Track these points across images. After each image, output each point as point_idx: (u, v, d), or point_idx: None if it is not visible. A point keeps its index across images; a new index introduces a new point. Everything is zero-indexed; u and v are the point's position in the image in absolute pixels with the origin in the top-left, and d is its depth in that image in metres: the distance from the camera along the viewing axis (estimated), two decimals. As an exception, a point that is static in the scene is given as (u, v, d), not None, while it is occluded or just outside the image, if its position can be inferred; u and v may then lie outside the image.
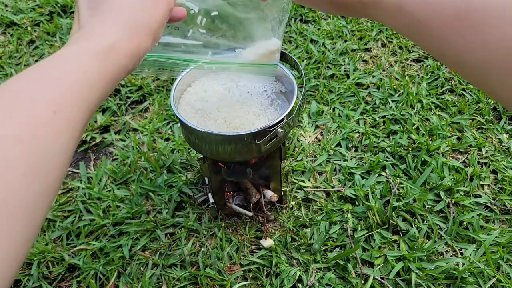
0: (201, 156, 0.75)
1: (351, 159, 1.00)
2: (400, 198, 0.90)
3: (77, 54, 0.35)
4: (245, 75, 0.70)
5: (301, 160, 0.99)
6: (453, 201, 0.89)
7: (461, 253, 0.82)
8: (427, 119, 1.08)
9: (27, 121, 0.28)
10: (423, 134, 1.04)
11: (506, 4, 0.27)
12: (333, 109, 1.12)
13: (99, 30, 0.38)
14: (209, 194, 0.87)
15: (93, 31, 0.38)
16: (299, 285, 0.79)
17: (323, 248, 0.84)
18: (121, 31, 0.38)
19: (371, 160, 0.98)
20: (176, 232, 0.88)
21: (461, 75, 0.33)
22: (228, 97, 0.71)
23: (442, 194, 0.90)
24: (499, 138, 1.03)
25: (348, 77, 1.21)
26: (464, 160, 0.99)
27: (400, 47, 1.30)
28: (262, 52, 0.60)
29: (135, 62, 0.40)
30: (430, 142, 1.01)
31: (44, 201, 0.29)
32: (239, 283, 0.80)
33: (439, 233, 0.84)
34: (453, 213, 0.87)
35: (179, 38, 0.57)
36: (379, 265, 0.80)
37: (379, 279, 0.78)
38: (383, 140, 1.03)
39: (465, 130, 1.05)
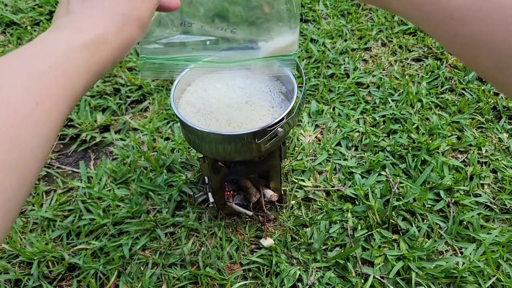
0: (201, 155, 0.75)
1: (351, 158, 1.00)
2: (400, 197, 0.90)
3: (64, 44, 0.34)
4: (245, 71, 0.70)
5: (301, 159, 0.99)
6: (453, 201, 0.89)
7: (461, 252, 0.82)
8: (427, 119, 1.08)
9: (7, 112, 0.28)
10: (423, 134, 1.04)
11: None
12: (333, 109, 1.12)
13: (88, 20, 0.37)
14: (209, 194, 0.87)
15: (83, 21, 0.37)
16: (299, 284, 0.79)
17: (323, 248, 0.84)
18: (110, 23, 0.38)
19: (371, 159, 0.98)
20: (176, 232, 0.88)
21: (476, 65, 0.31)
22: (229, 96, 0.71)
23: (442, 193, 0.90)
24: (499, 138, 1.03)
25: (348, 76, 1.21)
26: (464, 160, 0.99)
27: (400, 47, 1.30)
28: (281, 44, 0.59)
29: (122, 54, 0.39)
30: (430, 141, 1.01)
31: (21, 195, 0.28)
32: (239, 282, 0.80)
33: (439, 232, 0.84)
34: (453, 212, 0.87)
35: (195, 35, 0.56)
36: (379, 264, 0.81)
37: (379, 278, 0.78)
38: (383, 140, 1.03)
39: (465, 130, 1.05)
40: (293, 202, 0.91)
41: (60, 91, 0.32)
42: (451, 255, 0.82)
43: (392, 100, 1.13)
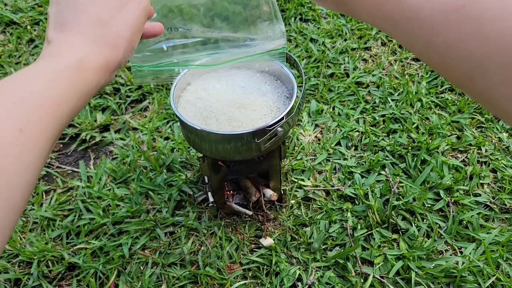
0: (201, 155, 0.75)
1: (350, 158, 1.00)
2: (400, 197, 0.90)
3: (45, 70, 0.34)
4: (245, 70, 0.69)
5: (301, 159, 0.99)
6: (452, 200, 0.89)
7: (461, 252, 0.82)
8: (427, 118, 1.08)
9: None
10: (423, 133, 1.04)
11: None
12: (333, 108, 1.12)
13: (67, 45, 0.37)
14: (209, 193, 0.87)
15: (61, 47, 0.37)
16: (299, 284, 0.79)
17: (323, 247, 0.84)
18: (89, 46, 0.37)
19: (370, 159, 0.98)
20: (176, 231, 0.88)
21: (447, 72, 0.31)
22: (229, 95, 0.71)
23: (441, 193, 0.91)
24: (499, 137, 1.03)
25: (348, 76, 1.21)
26: (463, 159, 0.99)
27: (400, 46, 1.30)
28: (268, 40, 0.59)
29: (107, 76, 0.39)
30: (430, 141, 1.01)
31: (7, 223, 0.27)
32: (238, 282, 0.80)
33: (438, 232, 0.84)
34: (452, 212, 0.87)
35: (179, 39, 0.56)
36: (378, 264, 0.81)
37: (379, 277, 0.78)
38: (382, 139, 1.03)
39: (465, 129, 1.05)
40: (292, 201, 0.91)
41: (44, 117, 0.31)
42: (450, 255, 0.82)
43: (392, 100, 1.13)
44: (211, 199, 0.86)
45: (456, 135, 1.04)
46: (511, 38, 0.25)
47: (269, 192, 0.83)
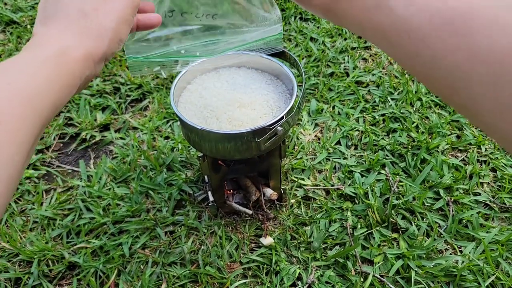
0: (201, 154, 0.75)
1: (350, 157, 1.00)
2: (400, 196, 0.91)
3: (25, 61, 0.33)
4: (246, 70, 0.69)
5: (301, 158, 0.99)
6: (452, 199, 0.89)
7: (461, 251, 0.83)
8: (427, 117, 1.08)
9: None
10: (423, 132, 1.04)
11: (497, 13, 0.26)
12: (333, 107, 1.12)
13: (49, 37, 0.36)
14: (209, 192, 0.87)
15: (43, 39, 0.36)
16: (299, 283, 0.79)
17: (323, 246, 0.84)
18: (72, 37, 0.37)
19: (370, 158, 0.98)
20: (176, 230, 0.88)
21: (432, 84, 0.31)
22: (229, 94, 0.71)
23: (441, 192, 0.91)
24: (499, 136, 1.03)
25: (347, 75, 1.21)
26: (463, 158, 0.99)
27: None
28: (265, 26, 0.59)
29: (91, 67, 0.38)
30: (430, 140, 1.01)
31: None
32: (238, 281, 0.80)
33: (438, 231, 0.85)
34: (452, 211, 0.88)
35: (175, 27, 0.56)
36: (378, 263, 0.81)
37: (379, 277, 0.79)
38: (382, 138, 1.03)
39: (465, 128, 1.05)
40: (292, 200, 0.91)
41: (24, 109, 0.30)
42: (450, 254, 0.82)
43: (392, 99, 1.13)
44: (211, 198, 0.86)
45: (456, 134, 1.04)
46: (499, 53, 0.25)
47: (269, 191, 0.83)
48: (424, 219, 0.87)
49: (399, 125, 1.06)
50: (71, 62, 0.35)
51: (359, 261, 0.81)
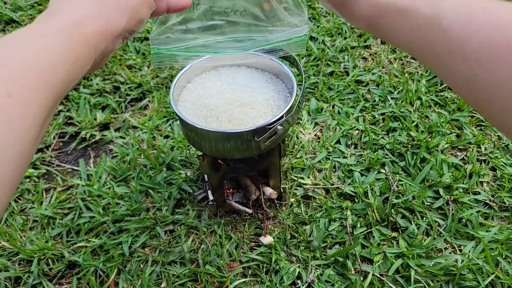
0: (201, 153, 0.75)
1: (350, 156, 1.00)
2: (400, 195, 0.91)
3: (37, 31, 0.31)
4: (245, 69, 0.69)
5: (301, 157, 0.99)
6: (452, 198, 0.90)
7: (460, 250, 0.83)
8: (427, 116, 1.08)
9: None
10: (423, 131, 1.04)
11: None
12: (333, 106, 1.12)
13: (64, 6, 0.35)
14: (209, 192, 0.87)
15: (59, 8, 0.34)
16: (299, 281, 0.79)
17: (323, 245, 0.84)
18: (90, 6, 0.35)
19: (370, 157, 0.98)
20: (175, 229, 0.88)
21: (490, 109, 0.28)
22: (229, 94, 0.71)
23: (441, 191, 0.91)
24: (498, 135, 1.03)
25: (347, 74, 1.21)
26: (463, 157, 0.99)
27: (400, 44, 1.30)
28: (291, 27, 0.58)
29: (108, 41, 0.36)
30: (430, 139, 1.01)
31: None
32: (238, 280, 0.80)
33: (438, 230, 0.85)
34: (452, 210, 0.88)
35: (202, 21, 0.55)
36: (378, 262, 0.81)
37: (378, 275, 0.79)
38: (382, 137, 1.03)
39: (464, 127, 1.05)
40: (292, 200, 0.92)
41: (36, 81, 0.28)
42: (450, 253, 0.82)
43: (392, 98, 1.13)
44: (211, 197, 0.86)
45: (455, 133, 1.04)
46: None
47: (268, 191, 0.83)
48: (424, 218, 0.87)
49: (399, 124, 1.06)
50: (89, 34, 0.34)
51: (359, 260, 0.81)
